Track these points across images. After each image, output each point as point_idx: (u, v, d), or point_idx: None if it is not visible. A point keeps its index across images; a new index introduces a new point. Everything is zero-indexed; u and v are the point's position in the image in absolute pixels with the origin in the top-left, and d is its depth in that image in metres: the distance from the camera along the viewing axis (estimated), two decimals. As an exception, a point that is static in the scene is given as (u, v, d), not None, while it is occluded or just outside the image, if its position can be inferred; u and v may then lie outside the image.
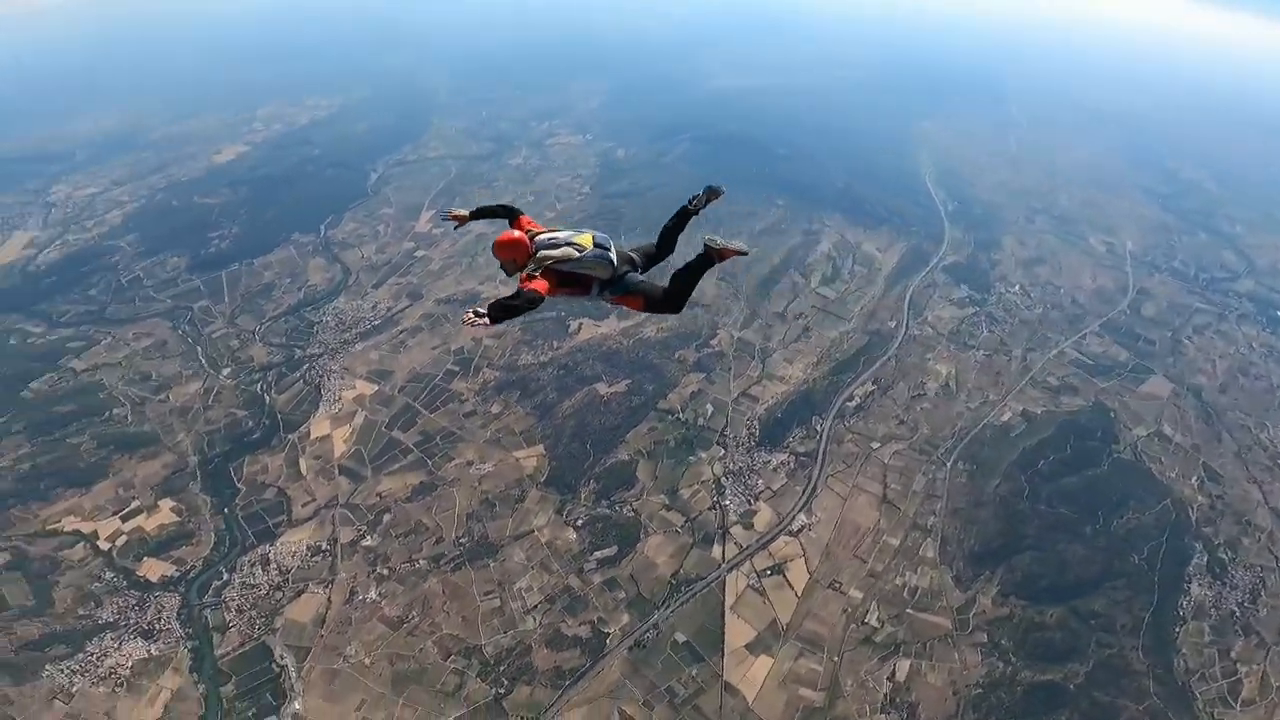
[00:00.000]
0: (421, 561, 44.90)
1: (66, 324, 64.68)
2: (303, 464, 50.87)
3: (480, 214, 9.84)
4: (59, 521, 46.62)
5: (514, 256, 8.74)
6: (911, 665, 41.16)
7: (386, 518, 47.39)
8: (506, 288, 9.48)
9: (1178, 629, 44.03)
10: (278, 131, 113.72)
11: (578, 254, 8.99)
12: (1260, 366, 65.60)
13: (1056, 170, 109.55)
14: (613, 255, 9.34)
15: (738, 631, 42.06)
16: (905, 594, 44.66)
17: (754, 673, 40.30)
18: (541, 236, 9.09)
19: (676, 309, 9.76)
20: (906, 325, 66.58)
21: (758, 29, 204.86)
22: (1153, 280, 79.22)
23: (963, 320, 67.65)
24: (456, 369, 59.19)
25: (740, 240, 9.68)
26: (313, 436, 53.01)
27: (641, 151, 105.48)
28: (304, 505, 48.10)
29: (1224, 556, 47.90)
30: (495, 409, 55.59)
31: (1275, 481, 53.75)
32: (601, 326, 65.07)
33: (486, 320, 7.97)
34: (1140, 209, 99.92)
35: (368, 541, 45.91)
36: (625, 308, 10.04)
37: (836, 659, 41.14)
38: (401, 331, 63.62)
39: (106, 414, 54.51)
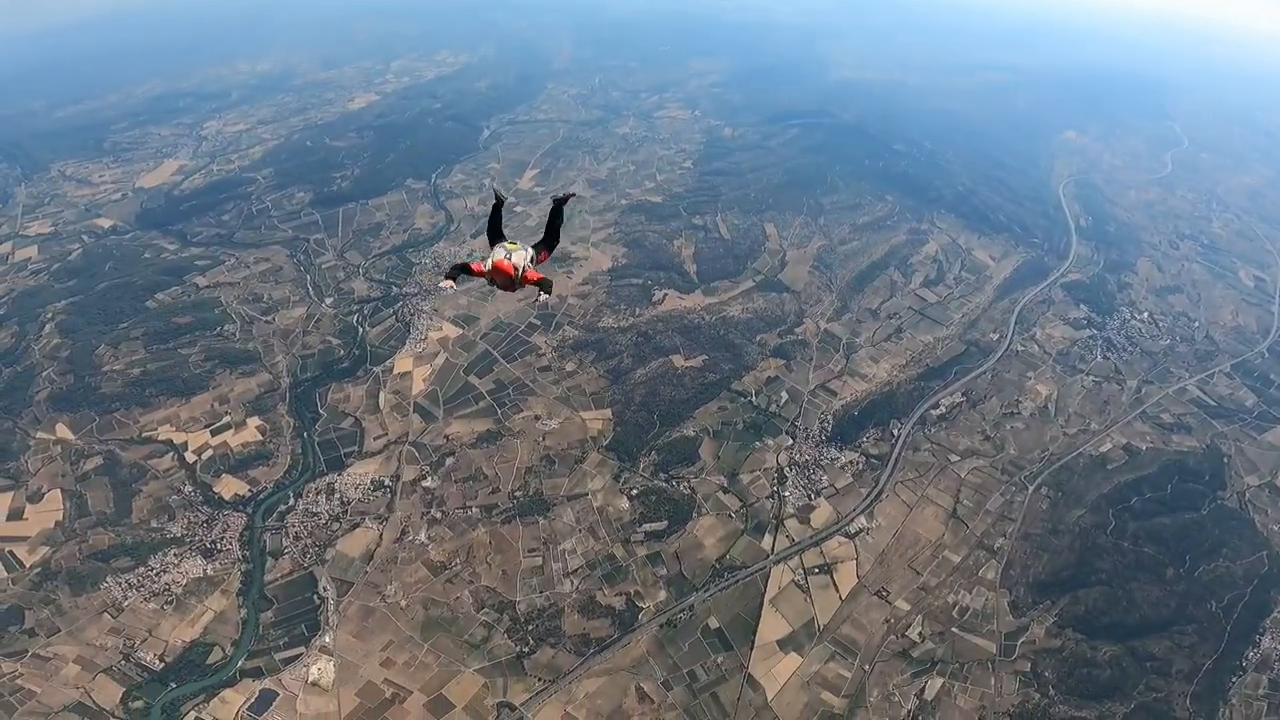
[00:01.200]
0: (474, 509, 46.08)
1: (198, 244, 71.00)
2: (382, 397, 53.45)
3: (454, 274, 13.37)
4: (155, 430, 50.50)
5: (509, 276, 12.92)
6: (944, 685, 38.96)
7: (450, 461, 48.97)
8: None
9: (1234, 679, 39.92)
10: (406, 83, 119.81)
11: (530, 254, 13.52)
12: None
13: (1214, 195, 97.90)
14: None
15: (772, 625, 40.86)
16: (954, 612, 42.10)
17: (779, 669, 39.05)
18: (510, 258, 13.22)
19: (556, 241, 14.96)
20: (1010, 340, 61.82)
21: (896, 24, 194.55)
22: (1315, 325, 69.56)
23: (1075, 342, 62.09)
24: (538, 323, 60.38)
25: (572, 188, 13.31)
26: (396, 371, 55.64)
27: (749, 132, 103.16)
28: (376, 438, 50.43)
29: None
30: (569, 367, 56.32)
31: None
32: (686, 299, 64.54)
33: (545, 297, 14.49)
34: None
35: (428, 482, 47.60)
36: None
37: (867, 668, 39.31)
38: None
39: (218, 329, 59.34)
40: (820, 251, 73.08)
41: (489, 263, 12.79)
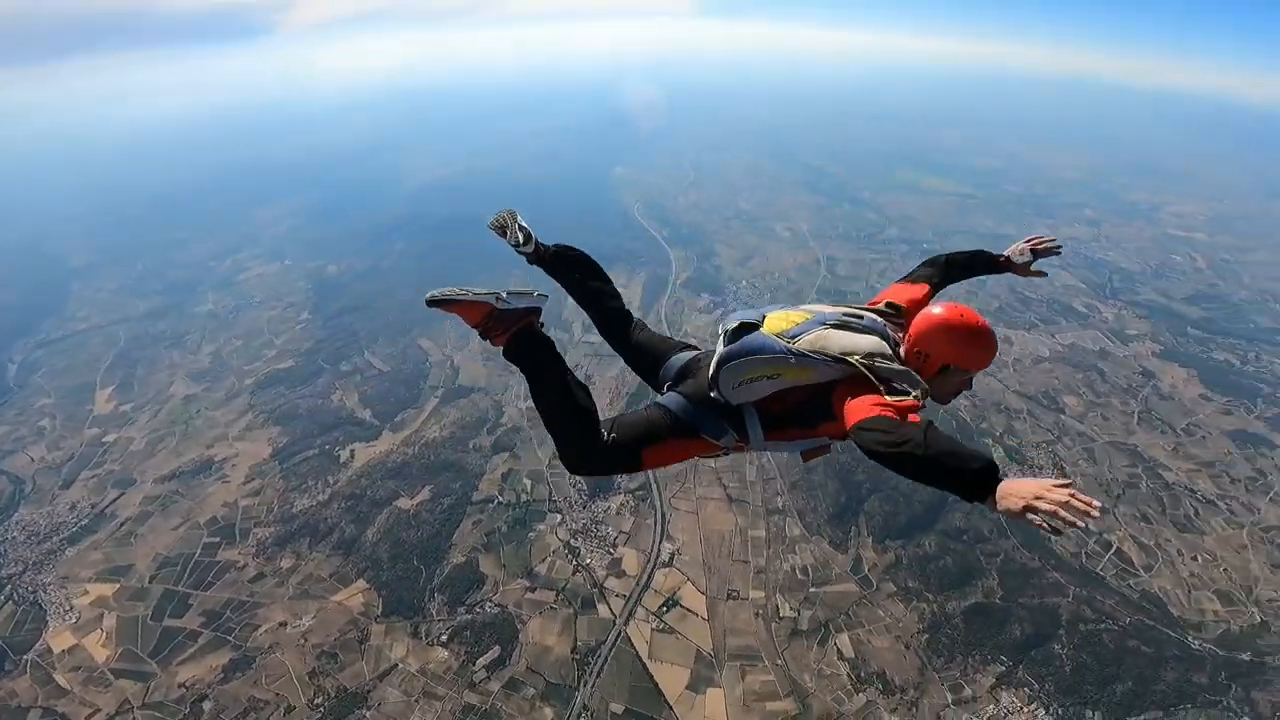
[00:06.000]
0: (280, 737, 35.17)
1: None
2: (61, 679, 38.88)
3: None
4: None
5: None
6: (851, 637, 40.51)
7: (208, 705, 37.40)
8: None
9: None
10: None
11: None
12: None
13: (729, 181, 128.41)
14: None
15: (670, 677, 38.64)
16: (799, 576, 44.45)
17: (712, 709, 37.13)
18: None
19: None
20: (673, 342, 70.60)
21: (449, 121, 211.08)
22: (833, 248, 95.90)
23: (715, 322, 73.32)
24: (217, 539, 48.79)
25: None
26: (57, 651, 40.70)
27: (356, 261, 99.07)
28: (88, 717, 37.11)
29: (1010, 443, 55.81)
30: (286, 564, 46.28)
31: (1000, 371, 66.04)
32: (377, 445, 58.42)
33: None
34: (800, 198, 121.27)
35: (200, 733, 35.18)
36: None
37: (780, 662, 39.43)
38: (123, 523, 50.76)
39: None
40: (483, 344, 72.54)
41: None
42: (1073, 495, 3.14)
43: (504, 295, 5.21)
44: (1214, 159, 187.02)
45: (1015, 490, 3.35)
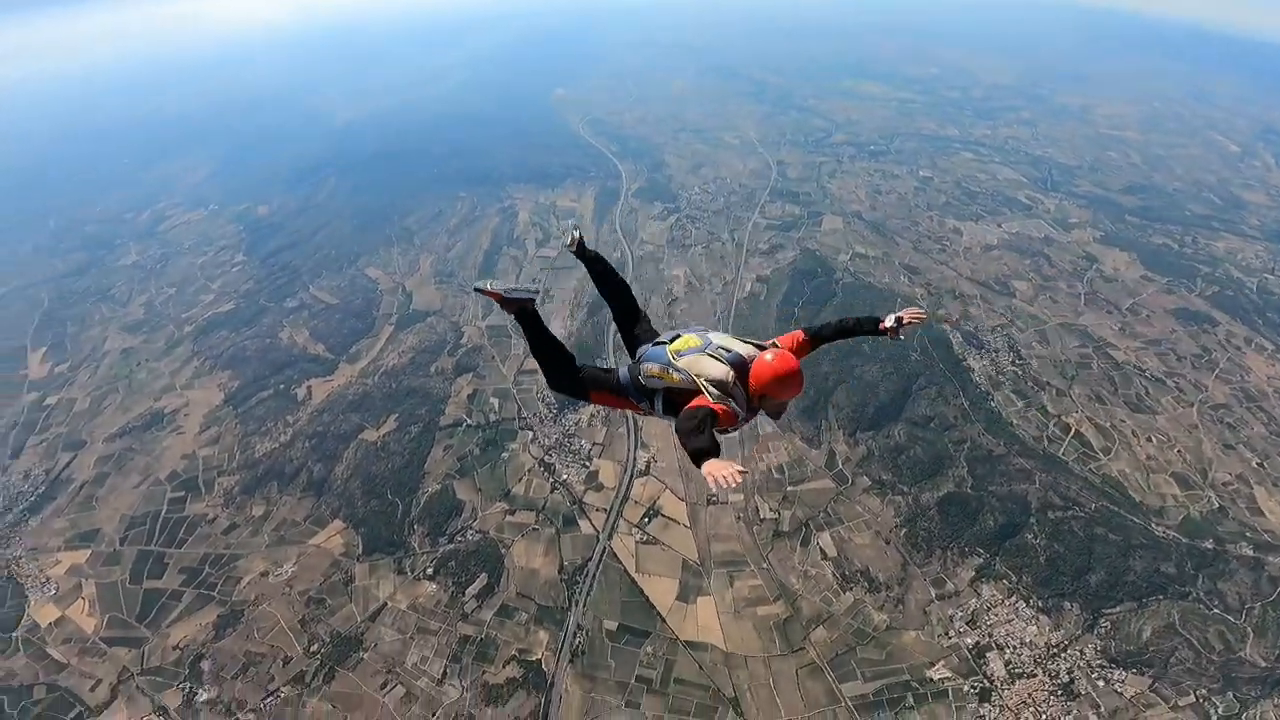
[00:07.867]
0: (284, 689, 35.45)
1: None
2: (55, 653, 37.99)
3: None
4: None
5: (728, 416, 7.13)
6: (832, 535, 40.61)
7: (206, 664, 36.86)
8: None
9: (992, 399, 48.34)
10: None
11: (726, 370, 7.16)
12: (885, 185, 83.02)
13: (673, 97, 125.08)
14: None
15: (660, 589, 38.81)
16: (775, 474, 44.43)
17: (705, 619, 37.47)
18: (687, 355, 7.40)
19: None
20: (630, 250, 69.49)
21: (355, 59, 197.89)
22: (782, 153, 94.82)
23: (670, 228, 72.92)
24: (182, 494, 46.80)
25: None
26: (44, 624, 39.60)
27: (286, 200, 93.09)
28: (92, 689, 36.13)
29: (969, 329, 56.16)
30: (257, 511, 44.89)
31: (952, 259, 67.37)
32: (334, 379, 56.39)
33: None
34: (746, 108, 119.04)
35: (204, 695, 35.49)
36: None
37: (766, 565, 39.58)
38: (81, 486, 48.32)
39: None
40: (434, 267, 70.76)
41: (689, 374, 7.02)
42: (733, 474, 5.41)
43: (510, 289, 8.05)
44: (1139, 69, 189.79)
45: (709, 465, 5.61)
